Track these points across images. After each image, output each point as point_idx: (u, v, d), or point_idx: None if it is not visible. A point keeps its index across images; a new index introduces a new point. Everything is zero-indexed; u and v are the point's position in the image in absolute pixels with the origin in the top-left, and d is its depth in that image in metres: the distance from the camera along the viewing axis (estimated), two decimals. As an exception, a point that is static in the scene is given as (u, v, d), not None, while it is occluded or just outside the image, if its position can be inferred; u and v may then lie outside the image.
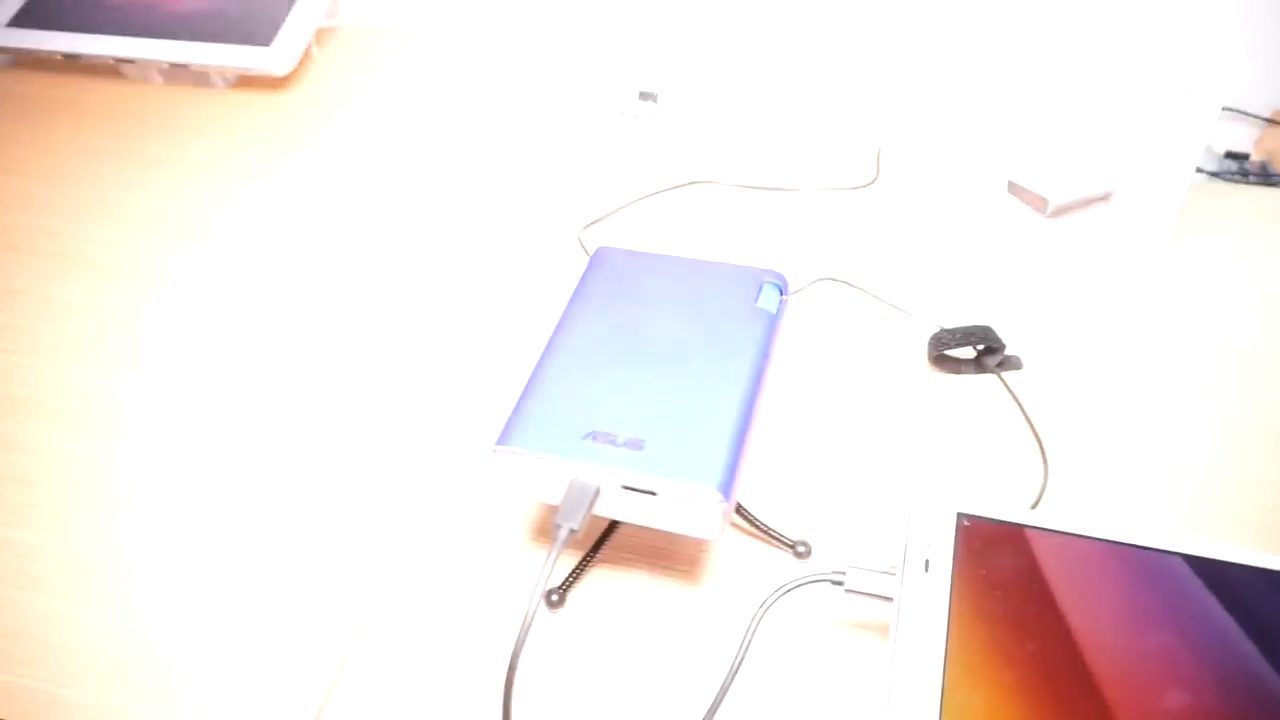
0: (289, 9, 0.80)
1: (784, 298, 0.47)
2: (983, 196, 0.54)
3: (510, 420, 0.42)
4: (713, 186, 0.71)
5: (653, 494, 0.39)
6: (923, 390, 0.56)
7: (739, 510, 0.49)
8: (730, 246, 0.66)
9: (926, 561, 0.40)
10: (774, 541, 0.49)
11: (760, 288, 0.47)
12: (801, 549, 0.48)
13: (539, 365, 0.44)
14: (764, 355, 0.44)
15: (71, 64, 0.85)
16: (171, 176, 0.74)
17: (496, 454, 0.40)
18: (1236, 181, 0.76)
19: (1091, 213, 0.54)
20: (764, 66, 0.87)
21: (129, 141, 0.78)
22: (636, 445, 0.39)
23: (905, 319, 0.61)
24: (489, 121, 0.79)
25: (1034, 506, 0.50)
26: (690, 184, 0.72)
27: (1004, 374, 0.57)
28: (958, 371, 0.58)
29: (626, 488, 0.39)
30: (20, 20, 0.83)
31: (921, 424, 0.55)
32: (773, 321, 0.46)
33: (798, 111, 0.84)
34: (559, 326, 0.46)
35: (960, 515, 0.41)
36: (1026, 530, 0.41)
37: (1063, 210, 0.54)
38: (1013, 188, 0.54)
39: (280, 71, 0.77)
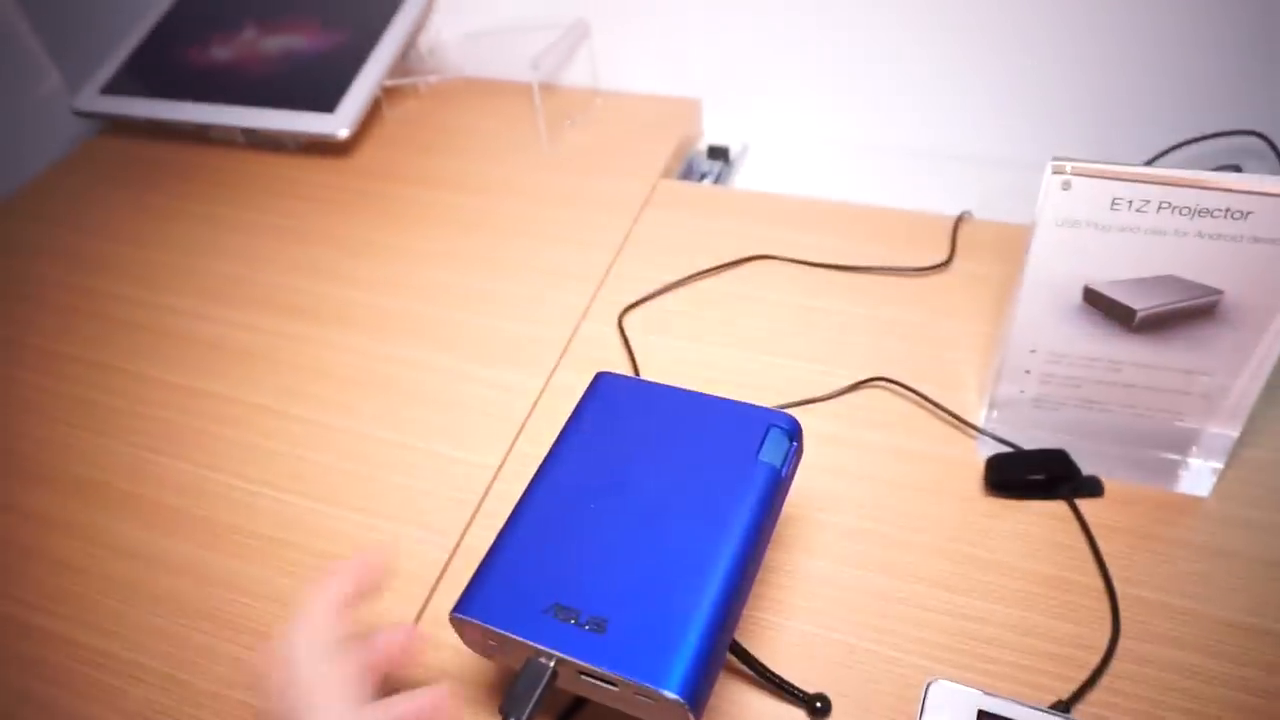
0: (355, 73, 0.80)
1: (794, 446, 0.41)
2: (1058, 300, 0.47)
3: (472, 584, 0.38)
4: (773, 264, 0.66)
5: (613, 685, 0.35)
6: (975, 522, 0.50)
7: (746, 658, 0.44)
8: (776, 336, 0.61)
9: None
10: (787, 696, 0.44)
11: (765, 434, 0.41)
12: (820, 705, 0.43)
13: (512, 520, 0.40)
14: (757, 520, 0.38)
15: (158, 128, 0.88)
16: (239, 240, 0.75)
17: (453, 620, 0.38)
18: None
19: (1191, 330, 0.46)
20: (844, 125, 0.81)
21: (208, 205, 0.80)
22: (600, 626, 0.35)
23: (965, 436, 0.54)
24: (547, 178, 0.77)
25: (1091, 682, 0.43)
26: (749, 259, 0.67)
27: (1077, 501, 0.50)
28: (1020, 496, 0.51)
29: (584, 674, 0.35)
30: (111, 88, 0.86)
31: (968, 563, 0.48)
32: (775, 477, 0.40)
33: (871, 171, 0.78)
34: (541, 470, 0.42)
35: (982, 714, 0.36)
36: (1059, 743, 0.34)
37: (1152, 323, 0.46)
38: (1090, 295, 0.47)
39: (341, 135, 0.77)
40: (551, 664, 0.36)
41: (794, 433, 0.42)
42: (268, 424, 0.60)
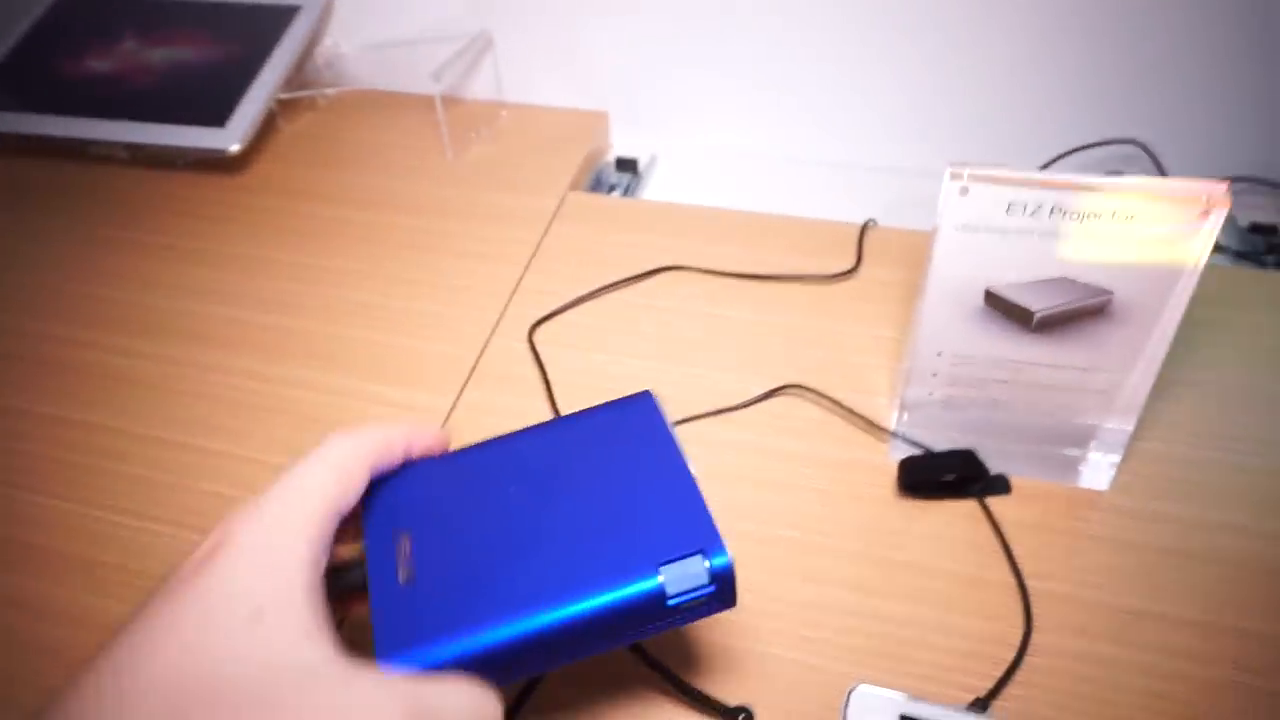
0: (247, 86, 0.77)
1: (706, 589, 0.34)
2: (961, 303, 0.48)
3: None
4: (682, 274, 0.66)
5: None
6: (891, 524, 0.50)
7: (665, 673, 0.43)
8: (688, 346, 0.61)
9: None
10: (709, 710, 0.43)
11: (687, 554, 0.35)
12: (742, 717, 0.43)
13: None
14: (603, 617, 0.34)
15: (31, 145, 0.83)
16: (120, 261, 0.71)
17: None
18: (1267, 265, 0.68)
19: (1086, 328, 0.47)
20: (752, 137, 0.82)
21: (89, 226, 0.75)
22: (411, 576, 0.35)
23: (877, 440, 0.55)
24: (452, 192, 0.75)
25: (1007, 677, 0.44)
26: (657, 271, 0.66)
27: (986, 499, 0.51)
28: (933, 497, 0.52)
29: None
30: (-21, 101, 0.81)
31: (887, 566, 0.48)
32: (654, 603, 0.34)
33: (781, 182, 0.79)
34: (541, 424, 0.41)
35: (904, 719, 0.36)
36: (980, 742, 0.35)
37: (1049, 323, 0.48)
38: (990, 297, 0.48)
39: (231, 150, 0.74)
40: (362, 571, 0.36)
41: (719, 574, 0.34)
42: (157, 455, 0.57)
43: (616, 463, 0.38)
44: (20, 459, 0.57)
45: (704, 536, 0.35)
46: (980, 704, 0.42)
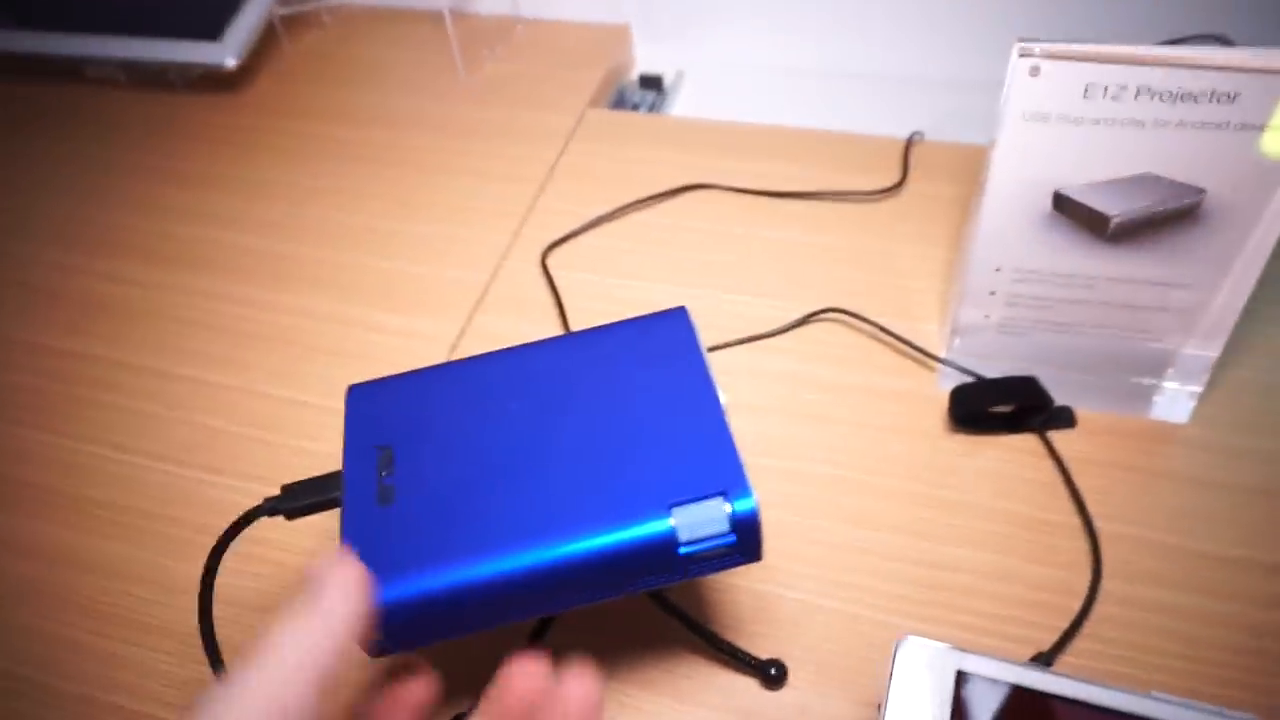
0: (244, -3, 0.72)
1: (725, 538, 0.30)
2: (1025, 210, 0.42)
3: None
4: (712, 193, 0.61)
5: None
6: (941, 460, 0.45)
7: (692, 625, 0.39)
8: (717, 270, 0.56)
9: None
10: (738, 664, 0.39)
11: (701, 495, 0.29)
12: (774, 672, 0.38)
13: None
14: (601, 562, 0.29)
15: (25, 65, 0.79)
16: (114, 184, 0.67)
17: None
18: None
19: (1169, 237, 0.42)
20: (784, 50, 0.75)
21: (83, 146, 0.71)
22: (389, 496, 0.31)
23: (926, 369, 0.49)
24: (464, 110, 0.70)
25: (1074, 629, 0.39)
26: (684, 189, 0.61)
27: (1049, 434, 0.46)
28: (988, 431, 0.46)
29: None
30: (-32, 20, 0.76)
31: (936, 506, 0.44)
32: (666, 549, 0.29)
33: (818, 98, 0.72)
34: (559, 337, 0.36)
35: (961, 674, 0.31)
36: (1054, 702, 0.30)
37: (1128, 230, 0.42)
38: (1060, 201, 0.42)
39: (228, 65, 0.69)
40: (338, 495, 0.32)
41: (742, 522, 0.29)
42: (149, 386, 0.53)
43: (637, 386, 0.33)
44: (5, 390, 0.54)
45: (727, 476, 0.30)
46: (1044, 659, 0.38)
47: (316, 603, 0.25)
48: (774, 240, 0.57)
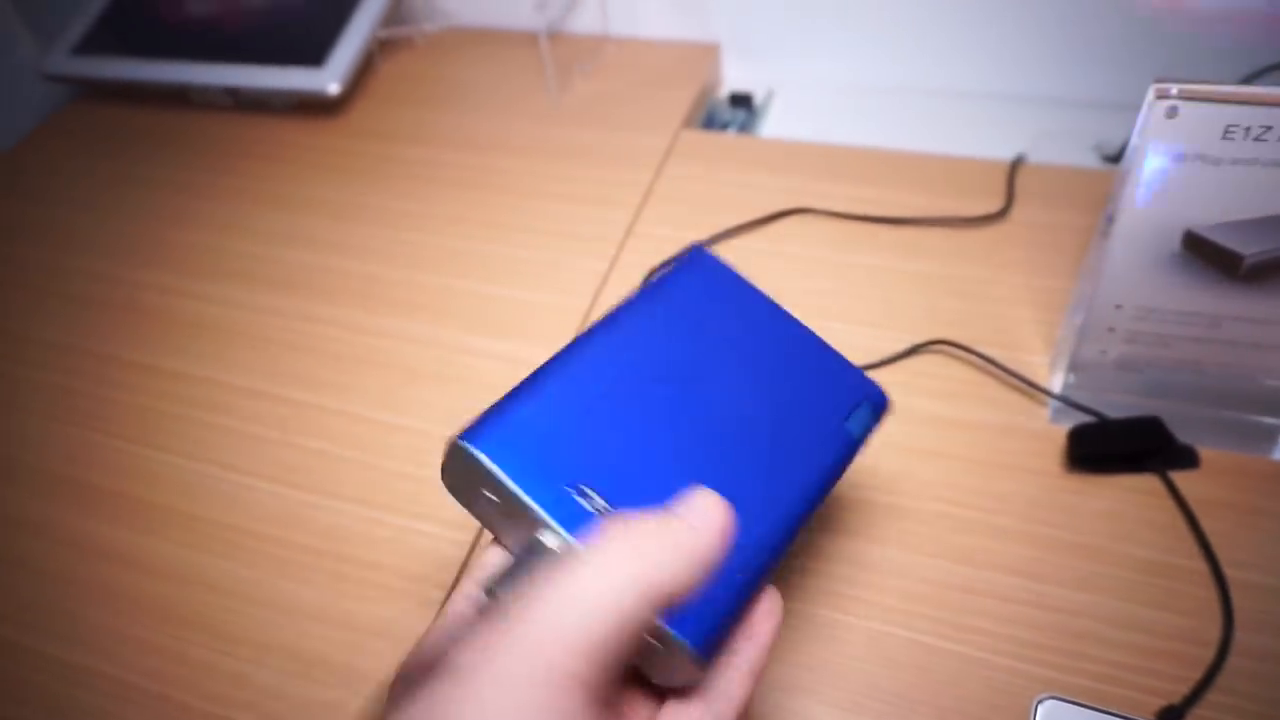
0: (344, 24, 0.74)
1: (875, 425, 0.36)
2: (1153, 248, 0.41)
3: (490, 415, 0.30)
4: (808, 218, 0.60)
5: None
6: (1058, 500, 0.44)
7: None
8: (817, 297, 0.55)
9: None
10: (854, 705, 0.38)
11: (857, 404, 0.36)
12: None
13: (555, 366, 0.32)
14: (821, 489, 0.33)
15: (135, 91, 0.81)
16: (218, 208, 0.69)
17: (456, 449, 0.30)
18: None
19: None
20: (876, 67, 0.74)
21: (189, 173, 0.73)
22: None
23: (1036, 404, 0.48)
24: (557, 132, 0.70)
25: (1206, 681, 0.37)
26: (781, 215, 0.61)
27: (1170, 474, 0.45)
28: (1106, 470, 0.45)
29: None
30: (83, 48, 0.80)
31: (1054, 547, 0.43)
32: (852, 450, 0.35)
33: (911, 117, 0.71)
34: (603, 325, 0.34)
35: (1102, 735, 0.30)
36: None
37: (1261, 271, 0.41)
38: (1191, 240, 0.41)
39: (331, 91, 0.71)
40: (556, 549, 0.28)
41: (882, 408, 0.36)
42: (255, 408, 0.55)
43: (726, 330, 0.35)
44: (117, 408, 0.56)
45: (857, 383, 0.36)
46: (1174, 713, 0.37)
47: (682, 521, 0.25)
48: (874, 267, 0.57)
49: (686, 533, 0.24)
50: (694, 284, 0.36)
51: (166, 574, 0.47)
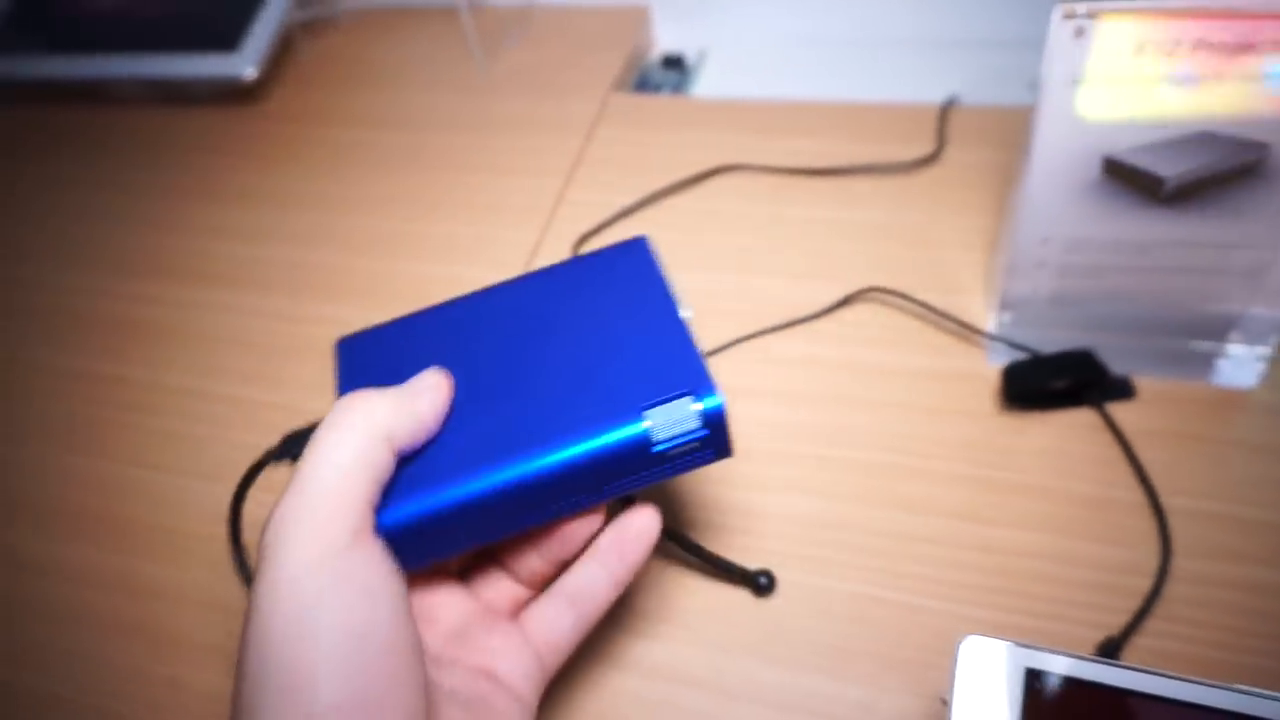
0: (258, 6, 0.71)
1: (697, 433, 0.32)
2: (1073, 177, 0.41)
3: (366, 330, 0.38)
4: (740, 174, 0.59)
5: None
6: (996, 441, 0.44)
7: (684, 543, 0.40)
8: (751, 253, 0.54)
9: (982, 744, 0.28)
10: (730, 576, 0.38)
11: (669, 395, 0.31)
12: (764, 581, 0.37)
13: (443, 305, 0.38)
14: (581, 465, 0.31)
15: (47, 90, 0.79)
16: (140, 204, 0.67)
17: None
18: None
19: (1229, 195, 0.39)
20: (807, 20, 0.73)
21: (110, 171, 0.71)
22: None
23: (974, 346, 0.48)
24: (486, 104, 0.69)
25: (1144, 610, 0.37)
26: (712, 173, 0.59)
27: (1107, 406, 0.44)
28: (1043, 407, 0.45)
29: None
30: (-10, 48, 0.77)
31: (993, 489, 0.42)
32: (639, 449, 0.31)
33: (846, 67, 0.70)
34: (502, 284, 0.38)
35: (1030, 673, 0.30)
36: (1131, 699, 0.29)
37: (1184, 192, 0.40)
38: (1111, 165, 0.40)
39: (247, 75, 0.69)
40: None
41: (710, 418, 0.31)
42: (189, 407, 0.53)
43: (604, 310, 0.35)
44: (47, 417, 0.54)
45: (692, 378, 0.32)
46: (1113, 644, 0.36)
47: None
48: (808, 220, 0.56)
49: (407, 393, 0.31)
50: (610, 266, 0.37)
51: (99, 582, 0.46)
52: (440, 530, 0.31)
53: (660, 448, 0.31)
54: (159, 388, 0.55)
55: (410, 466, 0.31)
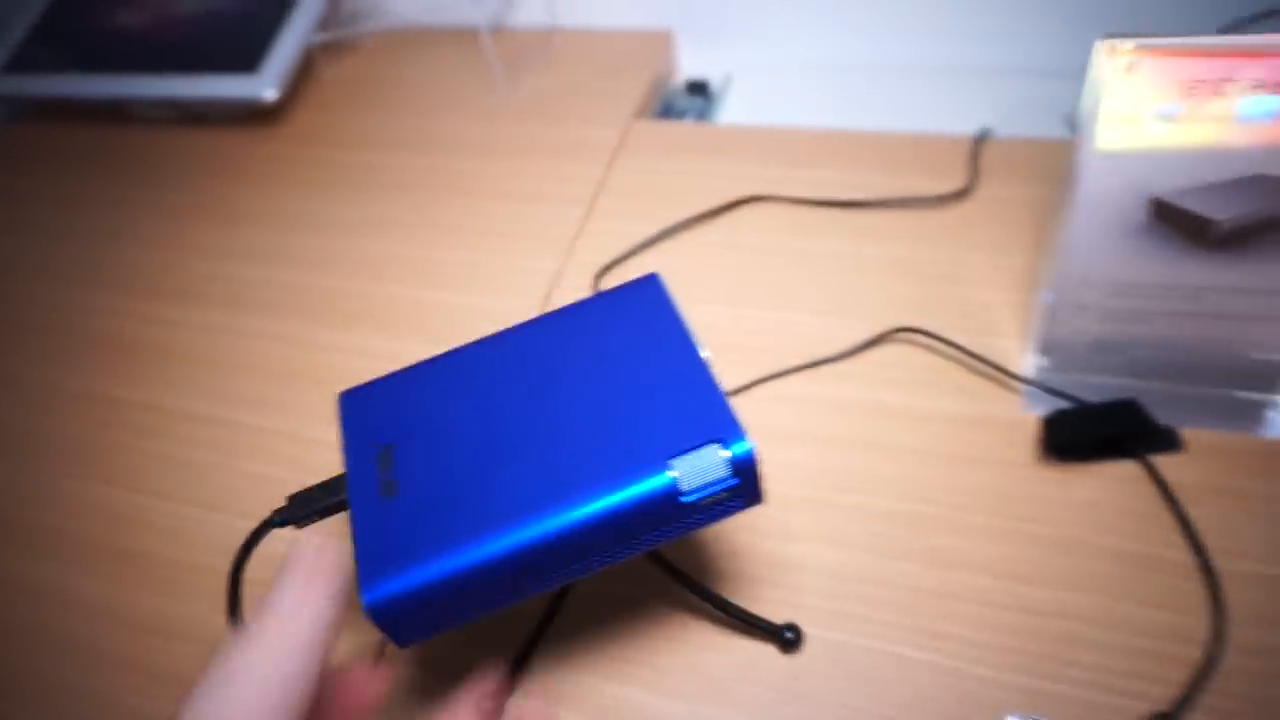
0: (279, 29, 0.71)
1: (728, 482, 0.30)
2: (1119, 219, 0.39)
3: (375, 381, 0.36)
4: (766, 205, 0.58)
5: None
6: (1034, 493, 0.42)
7: (706, 595, 0.39)
8: (776, 288, 0.52)
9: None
10: (755, 631, 0.36)
11: (698, 444, 0.30)
12: (790, 636, 0.35)
13: (454, 351, 0.36)
14: (606, 520, 0.29)
15: (70, 109, 0.79)
16: (156, 224, 0.66)
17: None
18: None
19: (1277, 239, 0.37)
20: (834, 46, 0.72)
21: (128, 190, 0.70)
22: (392, 489, 0.32)
23: (1008, 391, 0.46)
24: (507, 130, 0.67)
25: (1198, 683, 0.35)
26: (737, 204, 0.58)
27: (1151, 459, 0.42)
28: (1082, 458, 0.42)
29: None
30: (14, 65, 0.77)
31: (1032, 544, 0.40)
32: (668, 500, 0.30)
33: (874, 96, 0.69)
34: (521, 326, 0.36)
35: (1080, 755, 0.27)
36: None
37: (1236, 236, 0.38)
38: (1160, 208, 0.38)
39: (267, 97, 0.68)
40: (343, 498, 0.33)
41: (740, 465, 0.30)
42: (194, 433, 0.52)
43: (620, 354, 0.33)
44: (50, 440, 0.53)
45: (719, 425, 0.30)
46: (1164, 719, 0.34)
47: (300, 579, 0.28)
48: (835, 254, 0.54)
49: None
50: (623, 307, 0.35)
51: (95, 612, 0.45)
52: (461, 593, 0.29)
53: (689, 498, 0.30)
54: (163, 411, 0.54)
55: (424, 521, 0.30)
